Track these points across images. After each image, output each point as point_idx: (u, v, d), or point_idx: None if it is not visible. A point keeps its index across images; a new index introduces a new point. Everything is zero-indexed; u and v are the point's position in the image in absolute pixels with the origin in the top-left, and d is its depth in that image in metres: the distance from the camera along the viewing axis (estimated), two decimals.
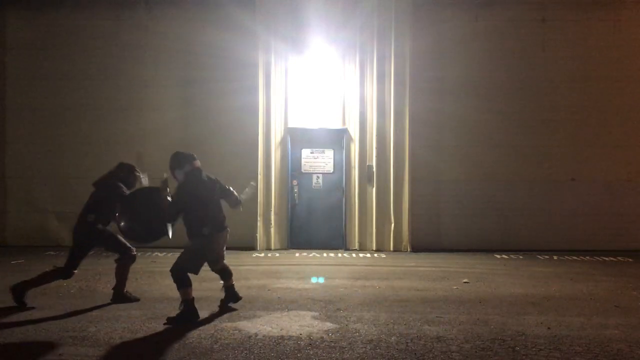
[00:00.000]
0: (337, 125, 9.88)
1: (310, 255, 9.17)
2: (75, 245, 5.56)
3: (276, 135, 9.82)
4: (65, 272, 5.52)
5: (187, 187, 5.06)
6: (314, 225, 9.93)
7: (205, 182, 5.18)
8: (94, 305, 5.51)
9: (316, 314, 5.20)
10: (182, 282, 4.99)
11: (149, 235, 5.54)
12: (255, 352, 4.08)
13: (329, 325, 4.81)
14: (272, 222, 9.74)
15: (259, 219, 9.66)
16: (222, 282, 5.59)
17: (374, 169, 9.68)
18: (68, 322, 4.84)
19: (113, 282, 6.71)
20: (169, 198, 5.18)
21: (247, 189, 5.64)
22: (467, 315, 5.19)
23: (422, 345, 4.26)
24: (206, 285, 6.52)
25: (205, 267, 7.71)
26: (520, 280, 6.96)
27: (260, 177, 9.68)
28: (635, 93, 9.77)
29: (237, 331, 4.60)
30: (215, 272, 5.57)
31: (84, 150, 9.88)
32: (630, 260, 8.77)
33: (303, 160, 9.96)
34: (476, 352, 4.12)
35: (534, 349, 4.18)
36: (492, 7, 9.76)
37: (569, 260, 8.74)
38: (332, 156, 9.95)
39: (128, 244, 5.83)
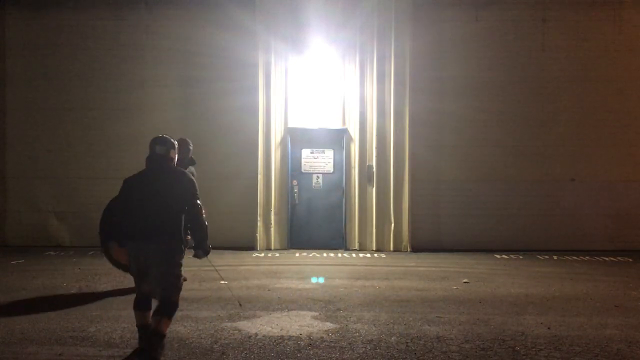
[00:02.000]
0: (337, 125, 9.87)
1: (310, 255, 9.16)
2: None
3: (276, 135, 9.81)
4: None
5: None
6: (314, 225, 9.92)
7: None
8: (94, 305, 5.51)
9: (316, 314, 5.20)
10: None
11: None
12: (255, 352, 4.08)
13: (329, 325, 4.81)
14: (272, 222, 9.74)
15: (259, 219, 9.66)
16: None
17: (374, 169, 9.68)
18: (68, 322, 4.84)
19: (113, 282, 6.74)
20: None
21: None
22: (467, 315, 5.19)
23: (422, 345, 4.26)
24: (206, 285, 6.54)
25: (203, 267, 7.70)
26: (520, 280, 6.96)
27: (260, 177, 9.68)
28: (636, 93, 9.76)
29: (237, 331, 4.60)
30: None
31: (84, 150, 9.88)
32: (630, 260, 8.76)
33: (303, 160, 9.95)
34: (476, 352, 4.12)
35: (534, 349, 4.18)
36: (492, 7, 9.76)
37: (569, 260, 8.74)
38: (332, 156, 9.94)
39: None
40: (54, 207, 9.90)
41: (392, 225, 9.61)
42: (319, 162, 9.95)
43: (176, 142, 4.17)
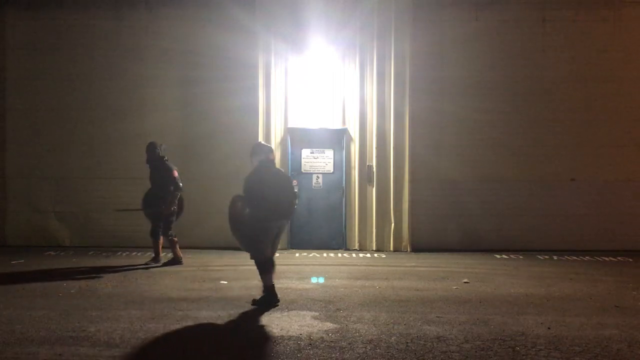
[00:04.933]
0: (337, 125, 9.88)
1: (310, 255, 9.17)
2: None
3: (276, 135, 9.82)
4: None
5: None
6: (314, 225, 9.92)
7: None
8: (94, 305, 5.51)
9: (316, 314, 5.20)
10: (263, 267, 5.50)
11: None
12: (256, 352, 4.08)
13: (329, 325, 4.81)
14: None
15: None
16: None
17: (374, 169, 9.68)
18: (68, 322, 4.84)
19: (113, 282, 6.76)
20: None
21: None
22: (467, 315, 5.19)
23: (422, 345, 4.26)
24: (206, 285, 6.54)
25: (203, 267, 7.74)
26: (520, 280, 6.96)
27: None
28: (635, 93, 9.77)
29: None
30: None
31: (84, 150, 9.89)
32: (630, 260, 8.76)
33: (303, 160, 9.95)
34: (476, 352, 4.12)
35: (534, 349, 4.18)
36: (492, 7, 9.76)
37: (569, 260, 8.74)
38: (332, 156, 9.94)
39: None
40: (54, 207, 9.90)
41: (392, 225, 9.61)
42: (319, 162, 9.95)
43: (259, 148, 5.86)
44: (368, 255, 9.23)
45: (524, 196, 9.72)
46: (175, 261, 8.00)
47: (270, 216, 5.42)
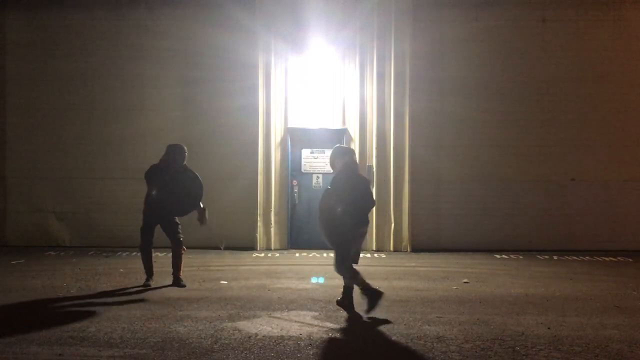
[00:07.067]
0: (337, 125, 9.88)
1: (310, 255, 9.16)
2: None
3: (276, 135, 9.82)
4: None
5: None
6: (314, 225, 9.90)
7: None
8: (94, 305, 5.51)
9: (316, 314, 5.20)
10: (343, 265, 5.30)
11: None
12: (255, 352, 4.08)
13: (329, 325, 4.81)
14: (272, 222, 9.74)
15: (259, 219, 9.66)
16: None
17: (374, 169, 9.68)
18: (68, 322, 4.84)
19: (113, 282, 6.76)
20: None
21: None
22: (467, 315, 5.19)
23: (422, 345, 4.26)
24: (206, 285, 6.54)
25: (203, 267, 7.74)
26: (520, 280, 6.96)
27: (260, 177, 9.68)
28: (636, 93, 9.77)
29: (237, 331, 4.60)
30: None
31: (84, 150, 9.88)
32: (630, 260, 8.76)
33: (303, 160, 9.95)
34: (476, 352, 4.12)
35: (534, 349, 4.18)
36: (492, 7, 9.76)
37: (569, 260, 8.74)
38: None
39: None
40: (54, 207, 9.90)
41: (392, 225, 9.61)
42: (319, 162, 9.95)
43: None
44: (368, 255, 9.22)
45: (524, 196, 9.72)
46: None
47: (352, 221, 5.35)
